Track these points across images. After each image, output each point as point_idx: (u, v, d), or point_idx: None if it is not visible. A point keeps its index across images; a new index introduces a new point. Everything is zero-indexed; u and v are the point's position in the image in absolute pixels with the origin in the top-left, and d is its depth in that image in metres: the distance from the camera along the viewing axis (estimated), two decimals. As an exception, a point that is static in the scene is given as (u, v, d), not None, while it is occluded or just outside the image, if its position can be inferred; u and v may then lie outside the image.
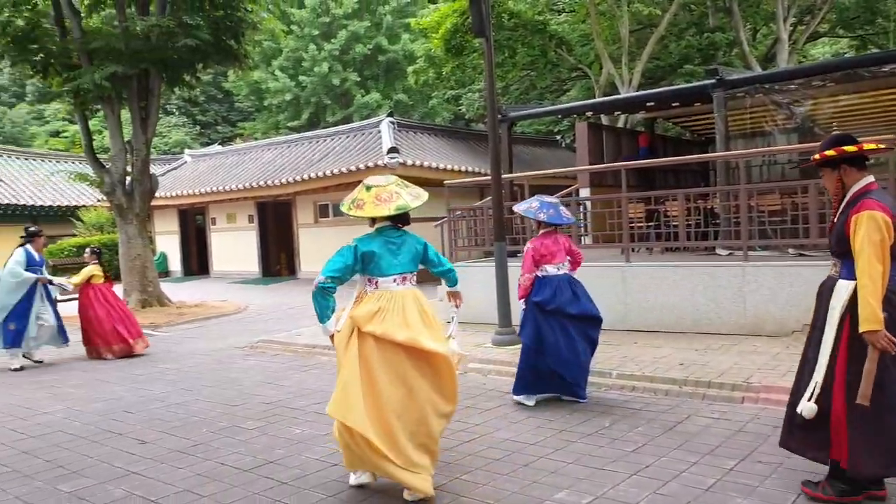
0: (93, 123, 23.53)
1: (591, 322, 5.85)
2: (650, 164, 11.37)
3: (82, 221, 23.29)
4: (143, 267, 13.57)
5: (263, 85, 30.39)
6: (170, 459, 4.84)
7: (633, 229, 9.16)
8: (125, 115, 13.82)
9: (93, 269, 9.65)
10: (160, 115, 38.30)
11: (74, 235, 23.41)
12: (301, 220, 19.47)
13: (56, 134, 44.70)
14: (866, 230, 3.24)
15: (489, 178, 8.85)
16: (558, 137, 23.52)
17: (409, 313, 3.84)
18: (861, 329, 3.25)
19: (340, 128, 21.08)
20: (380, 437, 3.66)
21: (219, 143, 30.49)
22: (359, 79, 29.67)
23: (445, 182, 11.30)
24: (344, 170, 16.56)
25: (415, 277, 4.08)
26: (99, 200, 23.69)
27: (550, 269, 5.74)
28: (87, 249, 10.10)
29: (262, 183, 18.89)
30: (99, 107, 13.60)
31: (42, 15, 12.77)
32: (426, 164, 16.63)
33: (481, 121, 28.32)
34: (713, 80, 9.95)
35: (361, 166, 16.20)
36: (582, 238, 10.60)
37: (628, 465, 4.29)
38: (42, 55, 12.66)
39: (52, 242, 24.06)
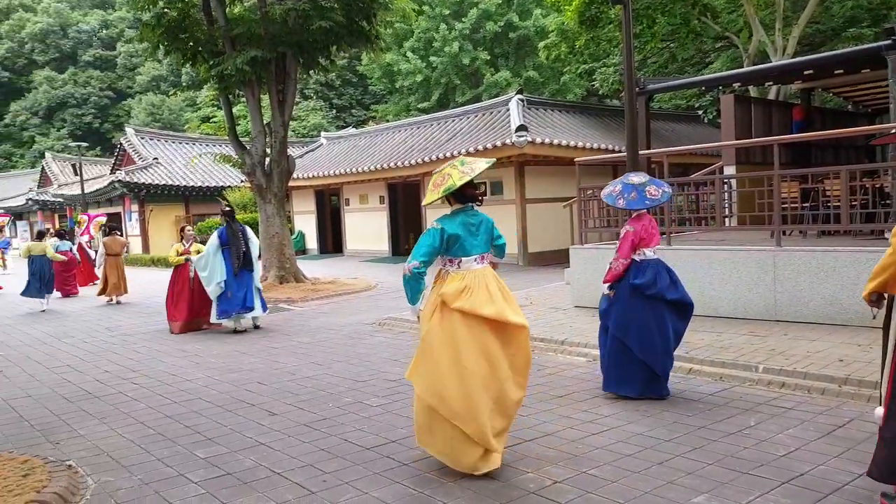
0: (237, 110, 25.03)
1: (684, 310, 5.44)
2: (808, 139, 10.30)
3: (227, 201, 24.82)
4: (280, 245, 14.20)
5: (395, 67, 30.92)
6: (296, 433, 4.91)
7: (785, 210, 8.33)
8: (265, 101, 14.48)
9: (178, 247, 10.33)
10: (299, 100, 40.14)
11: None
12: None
13: (207, 119, 48.04)
14: None
15: (623, 155, 8.35)
16: (700, 113, 22.13)
17: (493, 290, 4.02)
18: None
19: (469, 107, 20.96)
20: (460, 414, 3.84)
21: (353, 126, 31.46)
22: (489, 57, 29.43)
23: (576, 160, 10.84)
24: (472, 149, 16.43)
25: (487, 257, 4.24)
26: (242, 181, 25.21)
27: (648, 253, 5.38)
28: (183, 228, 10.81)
29: (392, 164, 19.18)
30: (241, 91, 14.26)
31: (192, 6, 13.56)
32: (556, 141, 16.16)
33: (616, 96, 27.28)
34: (889, 41, 8.79)
35: (489, 145, 16.01)
36: (727, 220, 9.81)
37: (778, 471, 3.83)
38: (191, 43, 13.47)
39: (201, 220, 25.97)
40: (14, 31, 60.19)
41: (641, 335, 5.28)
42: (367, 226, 22.28)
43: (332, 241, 24.43)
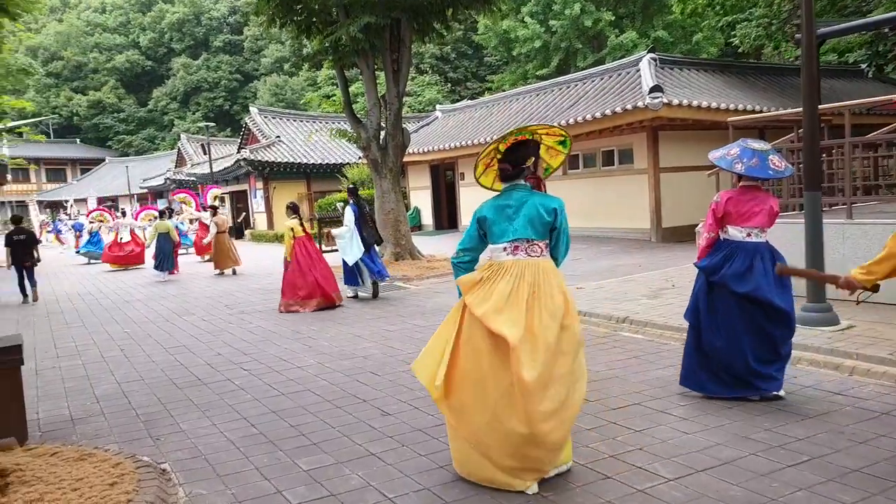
0: (354, 88, 24.88)
1: (769, 314, 4.49)
2: None
3: (346, 178, 24.88)
4: (396, 221, 13.75)
5: (512, 34, 29.72)
6: (411, 441, 4.24)
7: None
8: (380, 77, 13.94)
9: (291, 224, 10.00)
10: (414, 74, 39.81)
11: (340, 191, 25.17)
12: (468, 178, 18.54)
13: (327, 97, 49.10)
14: None
15: (783, 114, 7.01)
16: (863, 66, 19.49)
17: (520, 292, 3.30)
18: None
19: (594, 70, 19.57)
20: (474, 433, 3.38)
21: (468, 99, 30.72)
22: (613, 18, 27.60)
23: (729, 120, 9.49)
24: (598, 115, 15.21)
25: (538, 247, 3.45)
26: (360, 158, 25.20)
27: (734, 233, 4.60)
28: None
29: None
30: (356, 63, 13.82)
31: (305, -25, 13.21)
32: (695, 103, 14.59)
33: (756, 54, 24.81)
34: None
35: (618, 109, 14.71)
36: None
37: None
38: (305, 14, 13.14)
39: (322, 197, 26.25)
40: (155, 22, 64.15)
41: (708, 324, 4.64)
42: (482, 200, 21.45)
43: (447, 216, 23.92)
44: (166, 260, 15.24)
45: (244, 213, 30.92)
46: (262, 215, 29.06)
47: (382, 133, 13.58)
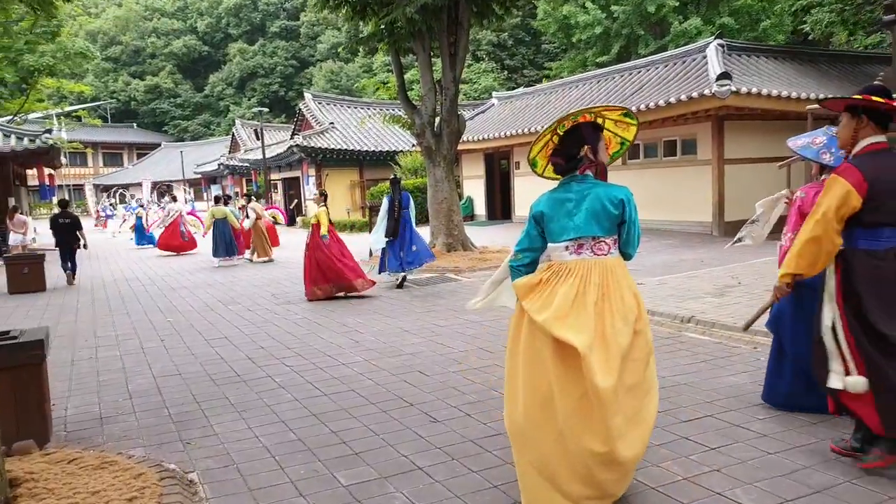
0: (409, 76, 24.48)
1: None
2: None
3: (399, 166, 24.55)
4: (449, 210, 13.30)
5: (572, 20, 28.80)
6: (461, 454, 3.80)
7: None
8: (436, 64, 13.46)
9: (321, 211, 10.08)
10: (470, 62, 39.17)
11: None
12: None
13: (382, 84, 48.78)
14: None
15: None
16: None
17: (588, 297, 2.91)
18: None
19: (657, 56, 18.68)
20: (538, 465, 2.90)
21: (524, 87, 29.98)
22: (677, 4, 26.43)
23: (808, 108, 8.71)
24: (662, 103, 14.43)
25: (605, 244, 3.03)
26: (413, 146, 24.83)
27: None
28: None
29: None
30: (411, 46, 13.36)
31: (361, -45, 12.81)
32: (763, 91, 13.69)
33: (826, 41, 23.44)
34: None
35: (683, 97, 13.92)
36: None
37: None
38: (359, -5, 12.76)
39: (374, 185, 25.98)
40: (212, 7, 65.04)
41: (793, 333, 4.08)
42: (537, 190, 20.70)
43: (500, 206, 23.36)
44: (223, 246, 15.22)
45: (296, 200, 30.95)
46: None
47: (437, 119, 13.11)
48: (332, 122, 28.93)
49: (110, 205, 38.95)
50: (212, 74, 63.54)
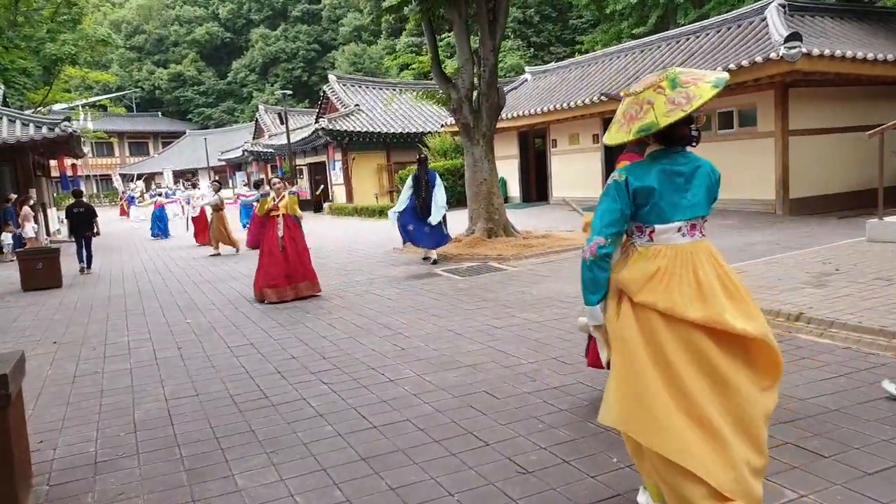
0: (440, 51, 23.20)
1: None
2: None
3: (428, 147, 23.46)
4: (489, 193, 12.20)
5: (607, -11, 27.41)
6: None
7: None
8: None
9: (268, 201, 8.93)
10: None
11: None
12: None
13: (405, 67, 47.74)
14: None
15: None
16: None
17: (704, 278, 2.56)
18: None
19: (708, 21, 17.26)
20: (696, 458, 2.41)
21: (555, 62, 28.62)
22: (718, -31, 24.86)
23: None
24: (720, 70, 13.11)
25: (705, 225, 2.73)
26: (442, 126, 23.72)
27: None
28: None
29: (605, 98, 16.36)
30: (446, 14, 12.22)
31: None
32: (837, 53, 12.31)
33: None
34: None
35: (745, 62, 12.58)
36: None
37: None
38: (390, -40, 11.66)
39: (402, 168, 24.93)
40: (233, -7, 64.25)
41: None
42: (577, 169, 19.69)
43: (535, 187, 22.17)
44: None
45: (322, 186, 30.05)
46: (341, 187, 28.06)
47: (475, 94, 11.98)
48: (357, 105, 27.93)
49: (132, 192, 38.33)
50: (234, 61, 62.91)
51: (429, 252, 11.03)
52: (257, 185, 16.65)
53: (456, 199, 18.60)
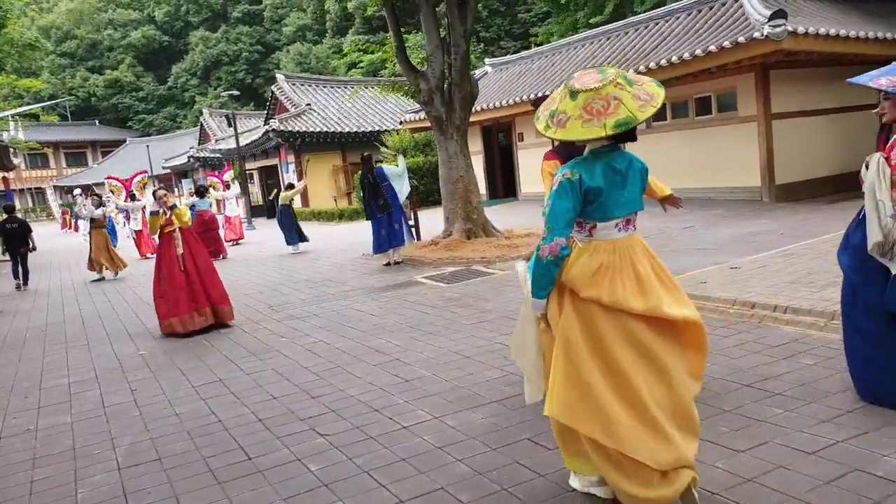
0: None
1: None
2: None
3: (386, 146, 22.44)
4: (465, 190, 11.29)
5: (559, -21, 26.82)
6: None
7: None
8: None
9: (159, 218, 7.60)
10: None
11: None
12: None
13: (353, 66, 46.46)
14: None
15: None
16: None
17: (643, 270, 2.69)
18: None
19: (677, 5, 16.66)
20: (640, 448, 2.54)
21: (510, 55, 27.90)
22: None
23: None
24: (699, 52, 12.51)
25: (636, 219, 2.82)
26: (401, 123, 22.74)
27: None
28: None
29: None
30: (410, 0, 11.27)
31: None
32: (822, 31, 11.82)
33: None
34: None
35: (727, 44, 11.99)
36: None
37: None
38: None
39: (359, 169, 23.83)
40: (170, -6, 61.72)
41: None
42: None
43: (502, 183, 21.40)
44: (292, 232, 14.23)
45: (276, 191, 28.69)
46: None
47: (446, 84, 11.05)
48: (308, 104, 26.74)
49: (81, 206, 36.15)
50: (174, 65, 60.52)
51: (392, 255, 10.68)
52: (200, 192, 15.40)
53: (421, 199, 17.66)
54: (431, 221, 13.82)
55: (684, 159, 14.27)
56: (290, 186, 16.48)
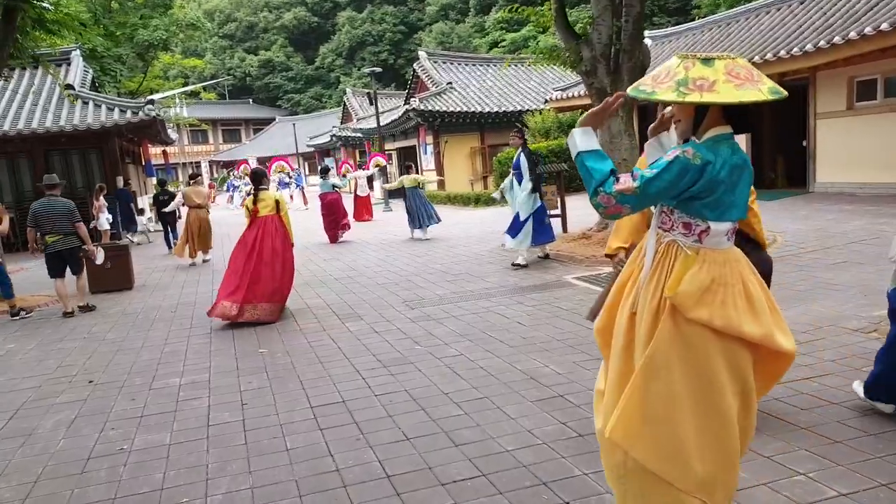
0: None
1: None
2: None
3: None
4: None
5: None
6: None
7: None
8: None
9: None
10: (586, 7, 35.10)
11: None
12: (822, 107, 13.46)
13: (495, 44, 45.35)
14: None
15: None
16: None
17: (753, 290, 2.30)
18: None
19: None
20: (707, 484, 2.25)
21: (650, 40, 25.46)
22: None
23: None
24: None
25: None
26: (545, 101, 21.32)
27: None
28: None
29: (759, 59, 13.61)
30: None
31: None
32: None
33: None
34: None
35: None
36: None
37: None
38: None
39: (498, 151, 22.67)
40: (321, -23, 63.47)
41: None
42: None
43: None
44: (420, 216, 13.36)
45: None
46: (432, 174, 26.15)
47: (613, 50, 9.57)
48: (449, 83, 25.89)
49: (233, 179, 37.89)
50: (322, 46, 62.30)
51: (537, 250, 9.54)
52: (323, 172, 14.90)
53: (566, 184, 16.24)
54: (578, 211, 12.42)
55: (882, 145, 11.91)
56: (325, 172, 15.06)
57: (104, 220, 13.86)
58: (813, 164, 13.80)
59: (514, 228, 9.09)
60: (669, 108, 2.46)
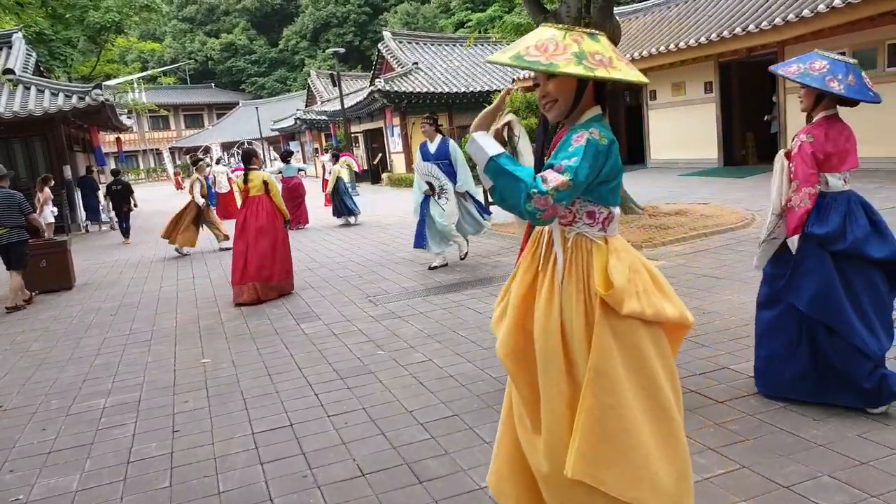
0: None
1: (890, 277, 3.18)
2: None
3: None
4: (602, 156, 9.27)
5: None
6: None
7: None
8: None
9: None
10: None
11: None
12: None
13: (461, 25, 44.57)
14: None
15: None
16: None
17: (651, 268, 2.20)
18: None
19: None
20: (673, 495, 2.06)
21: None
22: None
23: None
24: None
25: None
26: (513, 81, 20.74)
27: (834, 182, 3.29)
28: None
29: (727, 34, 13.23)
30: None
31: None
32: None
33: None
34: None
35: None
36: None
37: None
38: None
39: (466, 133, 22.07)
40: (283, -44, 61.74)
41: (854, 313, 3.13)
42: (684, 126, 16.51)
43: (627, 148, 19.04)
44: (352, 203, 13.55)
45: (380, 155, 27.50)
46: (400, 156, 25.45)
47: (582, 25, 9.01)
48: (415, 63, 25.13)
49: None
50: (285, 28, 60.77)
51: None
52: (285, 157, 14.39)
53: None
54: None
55: (873, 122, 11.51)
56: (286, 156, 14.76)
57: (49, 213, 12.92)
58: (784, 139, 13.44)
59: (486, 209, 8.44)
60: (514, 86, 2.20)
